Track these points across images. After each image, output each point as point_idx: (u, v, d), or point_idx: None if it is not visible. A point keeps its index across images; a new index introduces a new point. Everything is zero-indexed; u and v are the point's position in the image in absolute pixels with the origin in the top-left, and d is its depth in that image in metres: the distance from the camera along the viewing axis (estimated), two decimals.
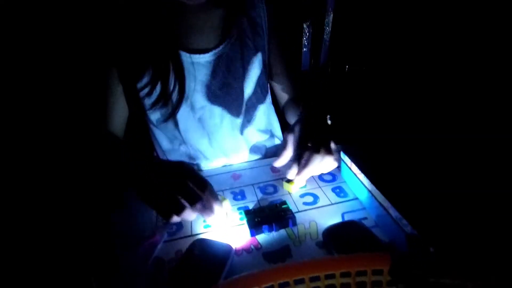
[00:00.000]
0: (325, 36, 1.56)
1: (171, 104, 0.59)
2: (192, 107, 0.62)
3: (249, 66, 0.62)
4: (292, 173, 0.52)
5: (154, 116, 0.63)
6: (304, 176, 0.50)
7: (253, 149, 0.73)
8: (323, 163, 0.49)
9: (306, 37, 1.52)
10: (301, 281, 0.27)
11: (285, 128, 0.79)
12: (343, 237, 0.41)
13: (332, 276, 0.27)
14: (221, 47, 0.59)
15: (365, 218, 0.47)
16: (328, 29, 1.54)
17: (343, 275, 0.27)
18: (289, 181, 0.54)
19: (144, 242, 0.43)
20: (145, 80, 0.56)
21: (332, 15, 1.51)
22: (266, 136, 0.74)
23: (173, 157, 0.70)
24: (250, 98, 0.66)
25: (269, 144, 0.76)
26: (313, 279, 0.27)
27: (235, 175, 0.61)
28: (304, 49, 1.53)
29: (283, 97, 0.72)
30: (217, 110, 0.64)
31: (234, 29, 0.59)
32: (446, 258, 0.26)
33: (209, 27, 0.59)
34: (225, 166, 0.68)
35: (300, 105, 0.63)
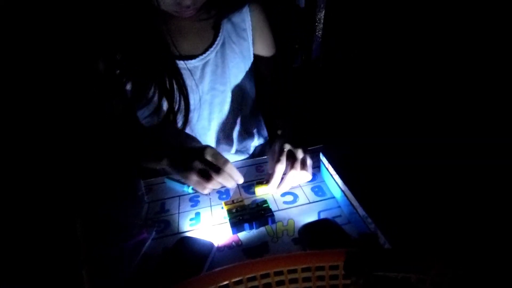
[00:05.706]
0: (317, 33, 1.57)
1: (166, 109, 0.62)
2: (180, 111, 0.65)
3: (235, 70, 0.65)
4: (272, 188, 0.54)
5: (149, 119, 0.66)
6: (282, 189, 0.55)
7: (240, 150, 0.76)
8: (299, 177, 0.53)
9: (298, 34, 1.54)
10: (267, 276, 0.31)
11: (272, 128, 0.82)
12: (316, 234, 0.45)
13: (294, 271, 0.31)
14: (207, 53, 0.61)
15: (339, 216, 0.50)
16: (320, 26, 1.55)
17: (304, 270, 0.31)
18: (259, 183, 0.56)
19: (133, 239, 0.47)
20: (139, 86, 0.59)
21: (324, 11, 1.52)
22: (253, 137, 0.77)
23: None
24: (237, 101, 0.69)
25: (256, 144, 0.79)
26: (277, 273, 0.31)
27: None
28: (296, 46, 1.54)
29: (271, 99, 0.75)
30: (205, 113, 0.66)
31: (219, 35, 0.62)
32: (393, 253, 0.29)
33: (195, 33, 0.61)
34: None
35: (281, 117, 0.67)
